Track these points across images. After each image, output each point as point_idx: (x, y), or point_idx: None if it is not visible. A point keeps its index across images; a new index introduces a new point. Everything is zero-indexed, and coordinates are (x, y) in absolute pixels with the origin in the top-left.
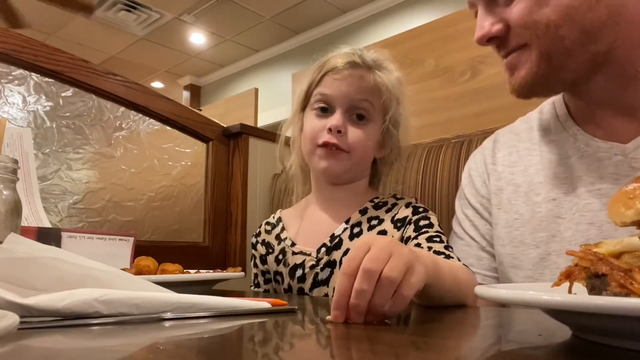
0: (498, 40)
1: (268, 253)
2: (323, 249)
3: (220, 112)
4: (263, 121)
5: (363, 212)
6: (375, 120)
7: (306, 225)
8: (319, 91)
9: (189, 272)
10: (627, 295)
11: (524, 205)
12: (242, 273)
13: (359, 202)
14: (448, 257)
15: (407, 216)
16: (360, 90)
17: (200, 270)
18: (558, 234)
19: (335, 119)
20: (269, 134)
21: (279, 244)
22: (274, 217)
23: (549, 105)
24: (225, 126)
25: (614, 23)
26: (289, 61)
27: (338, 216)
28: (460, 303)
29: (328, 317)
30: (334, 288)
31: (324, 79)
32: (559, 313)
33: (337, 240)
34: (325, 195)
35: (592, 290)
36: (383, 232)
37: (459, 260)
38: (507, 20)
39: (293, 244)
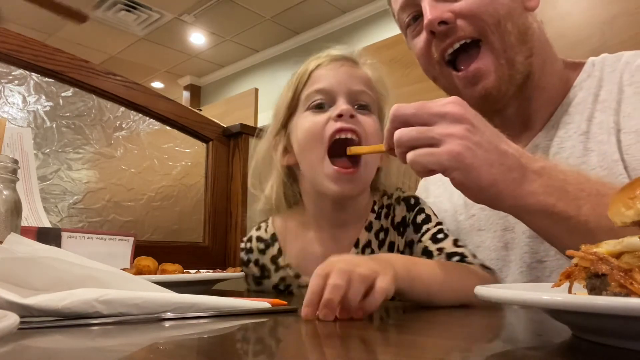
0: (446, 29)
1: (264, 277)
2: None
3: (220, 112)
4: (263, 121)
5: (369, 228)
6: (375, 112)
7: (310, 253)
8: (312, 89)
9: (189, 272)
10: (627, 295)
11: (452, 225)
12: (242, 273)
13: (362, 215)
14: (462, 256)
15: (404, 216)
16: (357, 80)
17: (200, 270)
18: (481, 243)
19: (343, 104)
20: None
21: (276, 270)
22: (266, 231)
23: None
24: (225, 126)
25: (531, 33)
26: (289, 61)
27: (345, 238)
28: (460, 303)
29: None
30: None
31: (314, 75)
32: (559, 313)
33: None
34: (329, 216)
35: (592, 290)
36: (392, 245)
37: (474, 257)
38: (457, 11)
39: (298, 275)
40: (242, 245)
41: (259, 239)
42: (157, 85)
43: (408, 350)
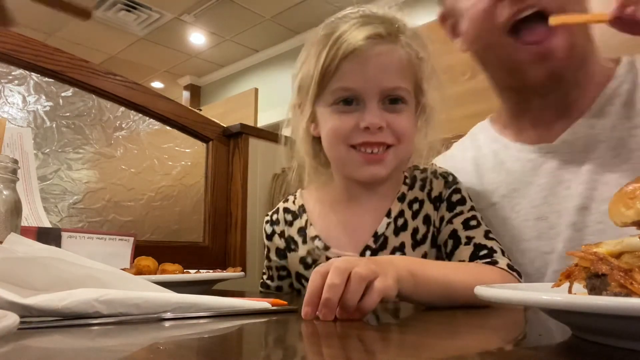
0: None
1: (289, 249)
2: (368, 252)
3: (220, 112)
4: (263, 121)
5: (401, 198)
6: (410, 101)
7: (340, 223)
8: (339, 86)
9: (189, 272)
10: (627, 295)
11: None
12: (242, 273)
13: (394, 187)
14: (491, 252)
15: (441, 192)
16: (390, 71)
17: (200, 270)
18: (506, 232)
19: (371, 115)
20: (269, 134)
21: (304, 242)
22: (294, 202)
23: (479, 127)
24: (225, 126)
25: None
26: (289, 61)
27: (377, 208)
28: (470, 304)
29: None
30: None
31: (343, 66)
32: (559, 313)
33: (382, 239)
34: (358, 191)
35: (592, 290)
36: (427, 218)
37: (503, 253)
38: None
39: (326, 247)
40: (267, 217)
41: (286, 210)
42: (157, 85)
43: (408, 350)
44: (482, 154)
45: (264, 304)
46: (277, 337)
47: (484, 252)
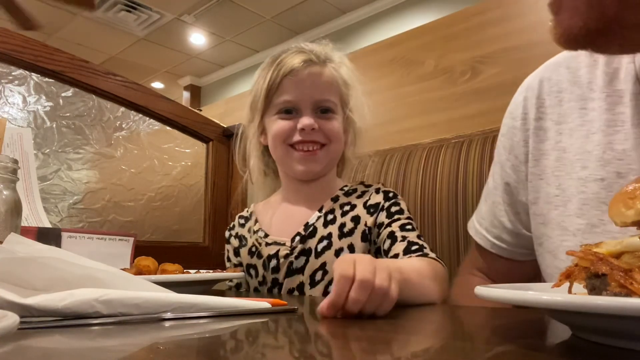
0: None
1: (241, 246)
2: (297, 238)
3: (220, 112)
4: None
5: (335, 199)
6: (338, 111)
7: (279, 217)
8: (281, 99)
9: (189, 272)
10: (627, 295)
11: (568, 179)
12: (242, 273)
13: (330, 192)
14: (421, 247)
15: (379, 202)
16: (321, 87)
17: (200, 270)
18: (600, 224)
19: (307, 119)
20: None
21: (251, 236)
22: (247, 211)
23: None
24: (225, 126)
25: None
26: None
27: (311, 206)
28: (430, 299)
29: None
30: (309, 276)
31: (283, 83)
32: (559, 313)
33: (311, 228)
34: (297, 190)
35: (592, 290)
36: (356, 218)
37: (431, 251)
38: None
39: (266, 235)
40: (227, 229)
41: (240, 217)
42: (157, 85)
43: (407, 350)
44: (615, 89)
45: (264, 304)
46: (277, 337)
47: (416, 247)
